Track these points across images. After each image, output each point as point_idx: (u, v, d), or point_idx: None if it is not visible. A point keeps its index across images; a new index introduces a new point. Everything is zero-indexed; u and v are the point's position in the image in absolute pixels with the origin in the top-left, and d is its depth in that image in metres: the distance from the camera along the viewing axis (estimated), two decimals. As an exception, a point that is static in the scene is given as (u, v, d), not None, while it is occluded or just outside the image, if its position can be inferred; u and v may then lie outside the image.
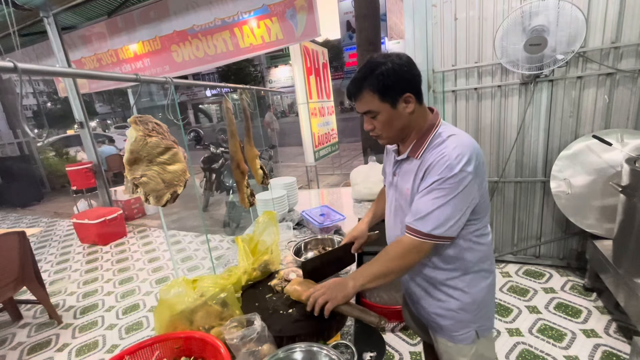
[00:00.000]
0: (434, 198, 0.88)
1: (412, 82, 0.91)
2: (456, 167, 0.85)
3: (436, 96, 2.71)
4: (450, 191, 0.86)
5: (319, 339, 1.00)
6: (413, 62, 0.92)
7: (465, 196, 0.87)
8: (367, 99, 0.93)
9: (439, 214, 0.88)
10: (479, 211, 0.95)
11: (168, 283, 1.06)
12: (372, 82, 0.90)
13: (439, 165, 0.88)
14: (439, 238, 0.90)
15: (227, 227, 4.33)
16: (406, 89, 0.90)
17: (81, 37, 5.32)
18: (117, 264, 3.83)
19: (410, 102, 0.92)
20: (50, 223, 5.91)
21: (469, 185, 0.86)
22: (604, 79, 2.25)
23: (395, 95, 0.90)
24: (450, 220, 0.88)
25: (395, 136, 0.99)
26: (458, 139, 0.90)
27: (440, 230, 0.88)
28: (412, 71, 0.91)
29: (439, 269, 1.02)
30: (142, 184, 1.11)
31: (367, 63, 0.92)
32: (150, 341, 0.96)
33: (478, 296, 1.01)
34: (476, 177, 0.87)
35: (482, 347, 1.06)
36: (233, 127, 1.74)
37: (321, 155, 4.98)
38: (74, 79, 4.91)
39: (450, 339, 1.06)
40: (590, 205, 2.26)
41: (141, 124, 1.09)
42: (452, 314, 1.03)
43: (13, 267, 2.48)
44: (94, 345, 2.44)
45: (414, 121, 0.96)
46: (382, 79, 0.88)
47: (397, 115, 0.93)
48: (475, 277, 1.01)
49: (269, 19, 3.78)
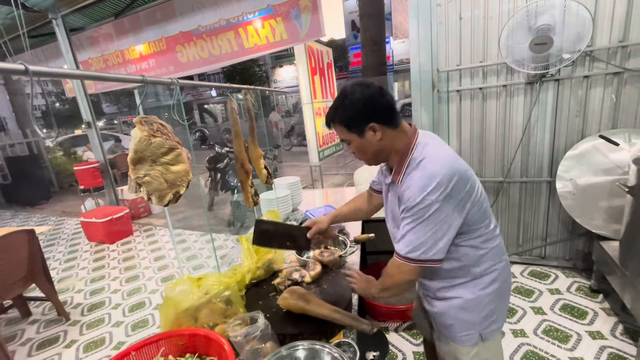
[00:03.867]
0: (404, 224, 0.94)
1: (377, 111, 0.95)
2: (418, 197, 0.88)
3: (440, 96, 2.70)
4: (415, 219, 0.90)
5: (322, 337, 1.01)
6: (381, 91, 0.95)
7: (433, 221, 0.89)
8: (338, 129, 1.01)
9: (409, 238, 0.92)
10: (474, 223, 0.96)
11: (173, 281, 1.07)
12: (339, 115, 0.98)
13: (406, 196, 0.92)
14: (417, 261, 0.92)
15: (231, 226, 4.36)
16: (369, 120, 0.94)
17: (89, 38, 5.39)
18: (124, 262, 3.88)
19: (376, 130, 0.95)
20: (59, 222, 6.00)
21: (437, 211, 0.88)
22: (611, 78, 2.22)
23: (359, 126, 0.96)
24: (423, 245, 0.90)
25: (372, 160, 1.05)
26: (429, 164, 0.91)
27: (415, 254, 0.91)
28: (377, 100, 0.94)
29: (441, 272, 1.03)
30: (145, 183, 1.13)
31: (338, 94, 0.99)
32: (155, 338, 0.98)
33: (485, 299, 1.01)
34: (448, 201, 0.88)
35: (486, 350, 1.05)
36: (237, 127, 1.75)
37: (325, 155, 4.99)
38: (81, 80, 4.97)
39: (453, 338, 1.06)
40: (596, 206, 2.23)
41: (146, 124, 1.11)
42: (455, 314, 1.03)
43: (23, 265, 2.52)
44: (100, 342, 2.48)
45: (387, 145, 0.99)
46: (344, 113, 0.97)
47: (366, 143, 0.98)
48: (481, 281, 1.01)
49: (273, 19, 3.80)
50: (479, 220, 0.96)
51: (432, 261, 0.92)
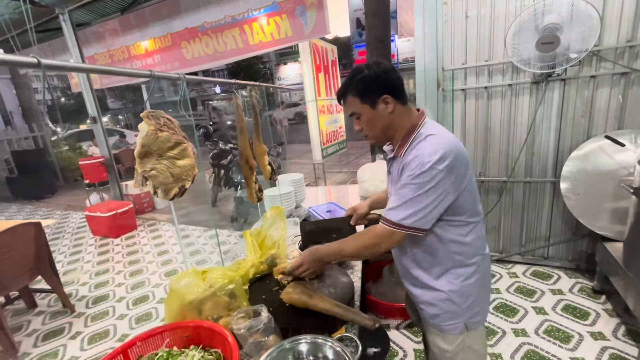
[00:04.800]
0: (406, 192, 0.95)
1: (389, 84, 1.01)
2: (427, 164, 0.91)
3: (445, 94, 2.69)
4: (420, 186, 0.92)
5: (324, 331, 1.02)
6: (392, 68, 1.03)
7: (436, 192, 0.92)
8: (350, 102, 1.05)
9: (407, 206, 0.95)
10: (462, 210, 0.99)
11: (179, 274, 1.09)
12: (353, 87, 1.03)
13: (413, 163, 0.95)
14: (408, 228, 0.95)
15: (234, 222, 4.38)
16: (383, 91, 1.00)
17: (95, 34, 5.42)
18: (128, 256, 3.92)
19: (389, 102, 1.01)
20: (64, 215, 6.06)
21: (440, 182, 0.91)
22: (618, 78, 2.20)
23: (373, 97, 1.01)
24: (418, 212, 0.94)
25: (380, 135, 1.08)
26: (435, 139, 0.96)
27: (408, 221, 0.94)
28: (390, 75, 1.01)
29: (427, 262, 1.06)
30: (151, 177, 1.14)
31: (351, 71, 1.05)
32: (160, 329, 0.99)
33: (467, 290, 1.04)
34: (450, 175, 0.92)
35: (470, 339, 1.08)
36: (242, 124, 1.76)
37: (329, 152, 5.00)
38: (87, 75, 5.01)
39: (438, 328, 1.09)
40: (600, 207, 2.22)
41: (153, 118, 1.13)
42: (440, 304, 1.06)
43: (29, 257, 2.56)
44: (105, 334, 2.52)
45: (396, 120, 1.04)
46: (360, 84, 1.01)
47: (377, 115, 1.03)
48: (464, 271, 1.03)
49: (278, 16, 3.80)
50: (469, 207, 1.00)
51: (420, 230, 0.96)
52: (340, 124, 5.51)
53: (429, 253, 1.04)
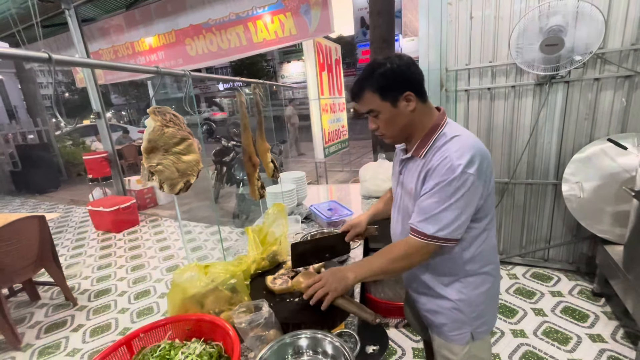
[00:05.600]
0: (437, 200, 0.89)
1: (412, 80, 0.93)
2: (458, 169, 0.85)
3: (448, 95, 2.69)
4: (453, 193, 0.86)
5: (324, 327, 1.03)
6: (414, 62, 0.94)
7: (468, 198, 0.87)
8: (368, 99, 0.95)
9: (442, 216, 0.88)
10: (482, 214, 0.95)
11: (182, 268, 1.10)
12: (373, 83, 0.93)
13: (441, 167, 0.88)
14: (443, 240, 0.90)
15: (236, 219, 4.40)
16: (406, 88, 0.92)
17: (100, 29, 5.45)
18: (130, 251, 3.95)
19: (411, 100, 0.93)
20: (67, 209, 6.11)
21: (472, 187, 0.86)
22: (622, 81, 2.20)
23: (395, 94, 0.92)
24: (454, 222, 0.88)
25: (398, 135, 1.00)
26: (461, 140, 0.90)
27: (444, 232, 0.89)
28: (413, 70, 0.93)
29: (438, 269, 1.02)
30: (157, 172, 1.16)
31: (368, 65, 0.95)
32: (163, 321, 1.01)
33: (476, 300, 1.01)
34: (480, 178, 0.87)
35: (476, 348, 1.06)
36: (246, 121, 1.77)
37: (331, 151, 5.00)
38: (92, 70, 5.03)
39: (445, 337, 1.06)
40: (602, 210, 2.23)
41: (159, 114, 1.14)
42: (447, 313, 1.03)
43: (33, 250, 2.59)
44: (107, 327, 2.54)
45: (417, 119, 0.96)
46: (382, 79, 0.91)
47: (398, 113, 0.94)
48: (474, 280, 1.00)
49: (283, 14, 3.80)
50: (484, 213, 0.96)
51: (454, 240, 0.91)
52: (342, 123, 5.51)
53: (441, 260, 1.00)
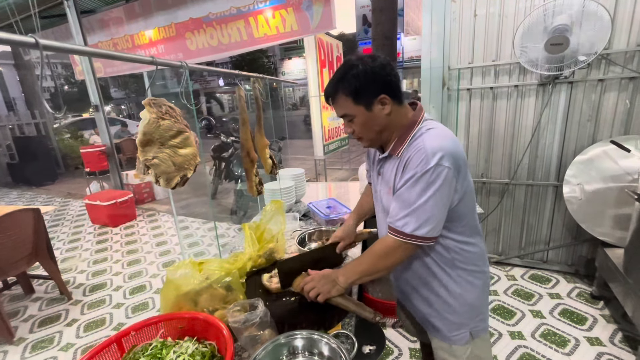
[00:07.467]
0: (412, 195, 0.85)
1: (387, 83, 0.88)
2: (432, 161, 0.81)
3: (450, 94, 2.66)
4: (428, 186, 0.83)
5: (320, 327, 1.01)
6: (389, 63, 0.89)
7: (444, 191, 0.84)
8: (341, 103, 0.91)
9: (419, 213, 0.85)
10: (464, 213, 0.93)
11: (175, 264, 1.08)
12: (345, 85, 0.89)
13: (415, 158, 0.85)
14: (421, 239, 0.87)
15: (234, 215, 4.37)
16: (380, 91, 0.88)
17: (99, 22, 5.38)
18: (126, 245, 3.92)
19: (386, 103, 0.89)
20: (64, 203, 6.07)
21: (446, 181, 0.83)
22: (627, 82, 2.18)
23: (368, 97, 0.88)
24: (431, 219, 0.85)
25: (375, 138, 0.97)
26: (436, 132, 0.88)
27: (422, 231, 0.85)
28: (388, 71, 0.88)
29: (427, 270, 1.01)
30: (153, 165, 1.13)
31: (341, 65, 0.91)
32: (155, 319, 0.99)
33: (469, 298, 1.00)
34: (456, 171, 0.84)
35: (477, 348, 1.05)
36: (245, 116, 1.74)
37: (330, 149, 4.97)
38: (91, 62, 4.98)
39: (445, 339, 1.05)
40: (603, 212, 2.21)
41: (155, 106, 1.11)
42: (443, 315, 1.02)
43: (27, 243, 2.56)
44: (101, 322, 2.52)
45: (393, 122, 0.93)
46: (354, 81, 0.87)
47: (373, 117, 0.91)
48: (466, 279, 0.99)
49: (284, 9, 3.76)
50: (467, 213, 0.94)
51: (432, 239, 0.88)
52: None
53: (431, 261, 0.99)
